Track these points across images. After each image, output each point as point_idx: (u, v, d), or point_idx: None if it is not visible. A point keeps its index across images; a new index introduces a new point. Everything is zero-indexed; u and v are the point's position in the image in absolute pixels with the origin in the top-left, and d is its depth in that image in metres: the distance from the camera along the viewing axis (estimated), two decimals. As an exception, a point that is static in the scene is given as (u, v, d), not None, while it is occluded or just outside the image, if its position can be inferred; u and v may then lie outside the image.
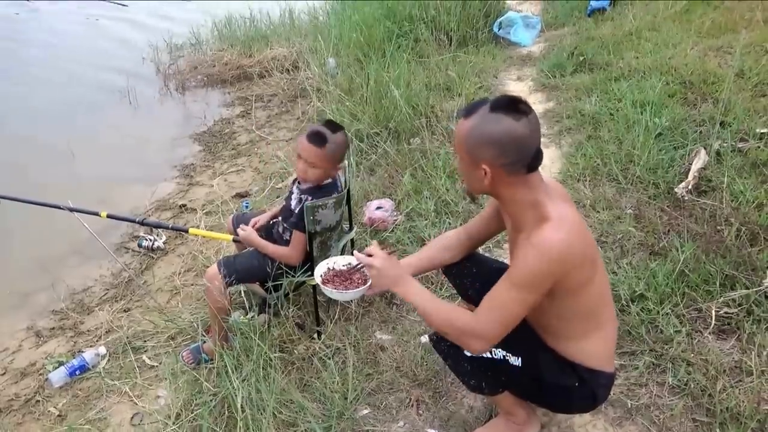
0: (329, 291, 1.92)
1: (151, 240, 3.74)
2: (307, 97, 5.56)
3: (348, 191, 2.71)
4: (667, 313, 2.38)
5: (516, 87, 5.03)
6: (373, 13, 6.15)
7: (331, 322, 2.69)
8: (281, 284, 2.50)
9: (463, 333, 1.60)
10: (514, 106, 1.49)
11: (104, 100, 6.39)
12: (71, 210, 3.02)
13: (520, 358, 1.72)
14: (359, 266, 1.92)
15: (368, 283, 1.86)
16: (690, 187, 3.08)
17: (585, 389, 1.69)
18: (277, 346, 2.56)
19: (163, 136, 5.61)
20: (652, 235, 2.86)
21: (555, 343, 1.72)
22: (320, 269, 2.03)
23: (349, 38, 5.76)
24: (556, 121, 4.23)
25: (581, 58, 4.91)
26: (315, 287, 2.62)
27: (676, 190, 3.09)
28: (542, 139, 3.96)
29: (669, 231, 2.87)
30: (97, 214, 2.98)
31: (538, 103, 4.61)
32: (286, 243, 2.55)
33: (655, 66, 4.42)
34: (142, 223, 2.99)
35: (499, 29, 6.03)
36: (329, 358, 2.48)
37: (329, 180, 2.52)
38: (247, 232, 2.58)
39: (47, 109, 6.21)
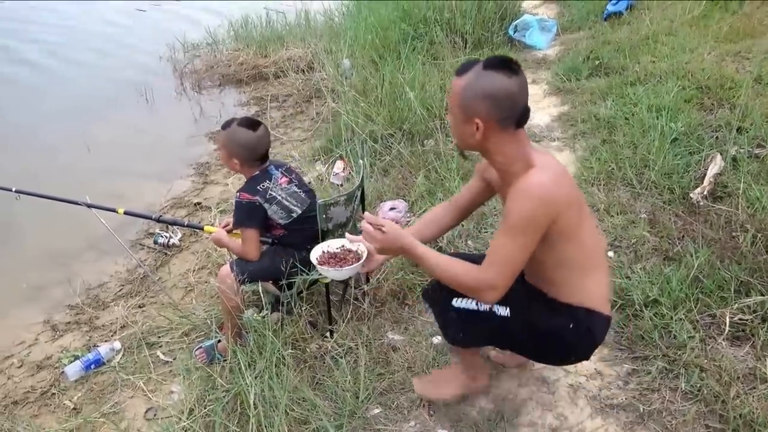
0: (325, 270, 2.09)
1: (166, 237, 3.78)
2: (321, 98, 5.59)
3: (362, 191, 2.73)
4: (681, 319, 2.37)
5: (531, 90, 4.97)
6: (388, 15, 6.16)
7: (343, 322, 2.71)
8: (294, 282, 2.53)
9: (473, 287, 1.67)
10: (506, 64, 1.59)
11: (121, 98, 6.48)
12: (89, 206, 3.07)
13: (507, 308, 1.78)
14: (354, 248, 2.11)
15: (362, 261, 2.04)
16: (705, 192, 3.06)
17: (581, 328, 1.75)
18: (289, 344, 2.58)
19: (178, 135, 5.67)
20: (666, 240, 2.85)
21: (555, 291, 1.78)
22: (316, 252, 2.18)
23: (365, 40, 5.78)
24: (570, 125, 4.22)
25: (597, 62, 4.88)
26: (327, 286, 2.64)
27: (691, 195, 3.08)
28: (556, 143, 4.04)
29: (683, 236, 2.85)
30: (114, 210, 3.02)
31: (552, 107, 4.60)
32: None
33: (671, 70, 4.39)
34: (158, 220, 3.03)
35: (514, 32, 6.01)
36: (341, 357, 2.50)
37: (257, 172, 2.56)
38: (217, 233, 2.67)
39: (65, 104, 6.31)
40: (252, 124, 2.49)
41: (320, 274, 2.35)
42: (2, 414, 2.76)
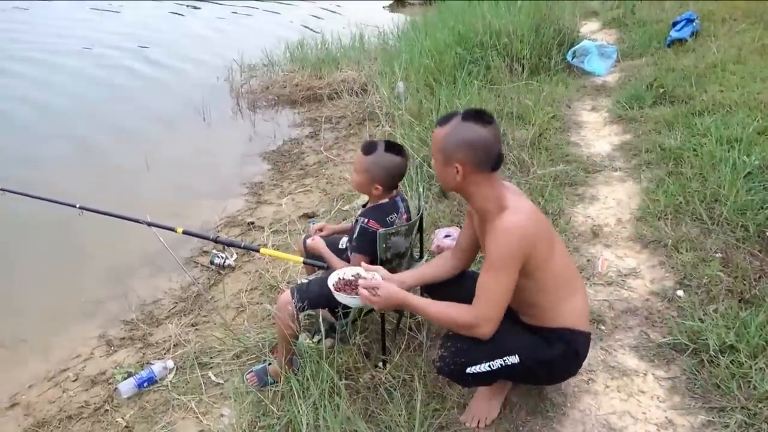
0: (341, 296, 2.11)
1: (223, 258, 3.80)
2: (375, 120, 5.59)
3: (421, 219, 2.67)
4: (762, 368, 2.21)
5: (590, 117, 4.89)
6: (444, 39, 6.16)
7: (397, 352, 2.64)
8: (350, 311, 2.48)
9: (468, 325, 1.87)
10: (481, 116, 1.85)
11: (180, 116, 6.66)
12: (149, 224, 3.10)
13: (516, 355, 1.94)
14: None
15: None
16: (784, 231, 2.89)
17: (570, 351, 1.99)
18: (343, 372, 2.53)
19: (233, 153, 5.77)
20: (741, 281, 2.69)
21: (540, 318, 2.00)
22: (332, 279, 2.20)
23: (420, 63, 5.77)
24: (633, 154, 4.07)
25: (661, 90, 4.72)
26: (383, 315, 2.58)
27: (768, 234, 2.91)
28: (619, 172, 3.91)
29: (761, 278, 2.69)
30: (173, 229, 3.05)
31: (614, 135, 4.47)
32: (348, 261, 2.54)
33: (742, 101, 4.21)
34: (215, 241, 3.04)
35: (572, 58, 5.91)
36: (395, 390, 2.42)
37: (386, 200, 2.48)
38: (316, 242, 2.59)
39: (126, 121, 6.52)
40: (398, 148, 2.43)
41: None
42: (57, 428, 2.79)
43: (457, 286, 2.30)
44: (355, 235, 2.43)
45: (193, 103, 6.75)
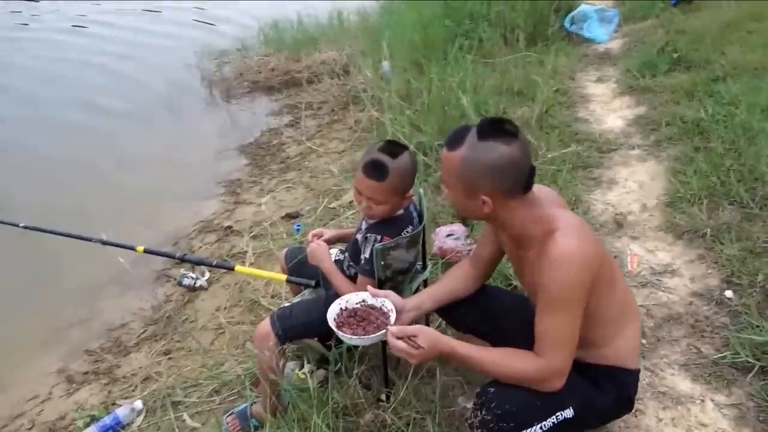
0: (347, 337, 1.68)
1: (192, 278, 3.33)
2: (359, 104, 5.13)
3: (423, 227, 2.23)
4: None
5: (597, 89, 4.46)
6: (430, 11, 5.67)
7: (402, 385, 2.22)
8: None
9: (536, 378, 1.52)
10: (501, 129, 1.48)
11: (147, 110, 6.12)
12: (104, 243, 2.67)
13: (570, 408, 1.59)
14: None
15: (391, 319, 1.69)
16: (842, 212, 2.49)
17: (623, 396, 1.69)
18: (339, 411, 2.11)
19: (208, 149, 5.29)
20: (801, 276, 2.29)
21: (588, 354, 1.64)
22: (332, 312, 1.77)
23: (404, 40, 5.29)
24: (651, 129, 3.65)
25: (675, 55, 4.28)
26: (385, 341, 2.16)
27: (824, 216, 2.51)
28: (637, 151, 3.48)
29: (824, 271, 2.29)
30: (132, 248, 2.61)
31: (626, 108, 4.03)
32: (349, 279, 2.10)
33: (768, 62, 3.80)
34: (182, 260, 2.61)
35: (570, 24, 5.46)
36: (404, 430, 2.02)
37: (400, 211, 2.04)
38: (320, 248, 2.12)
39: (86, 121, 5.96)
40: (401, 146, 1.97)
41: None
42: (7, 493, 2.38)
43: (475, 306, 1.92)
44: (366, 255, 1.99)
45: (159, 95, 6.25)
